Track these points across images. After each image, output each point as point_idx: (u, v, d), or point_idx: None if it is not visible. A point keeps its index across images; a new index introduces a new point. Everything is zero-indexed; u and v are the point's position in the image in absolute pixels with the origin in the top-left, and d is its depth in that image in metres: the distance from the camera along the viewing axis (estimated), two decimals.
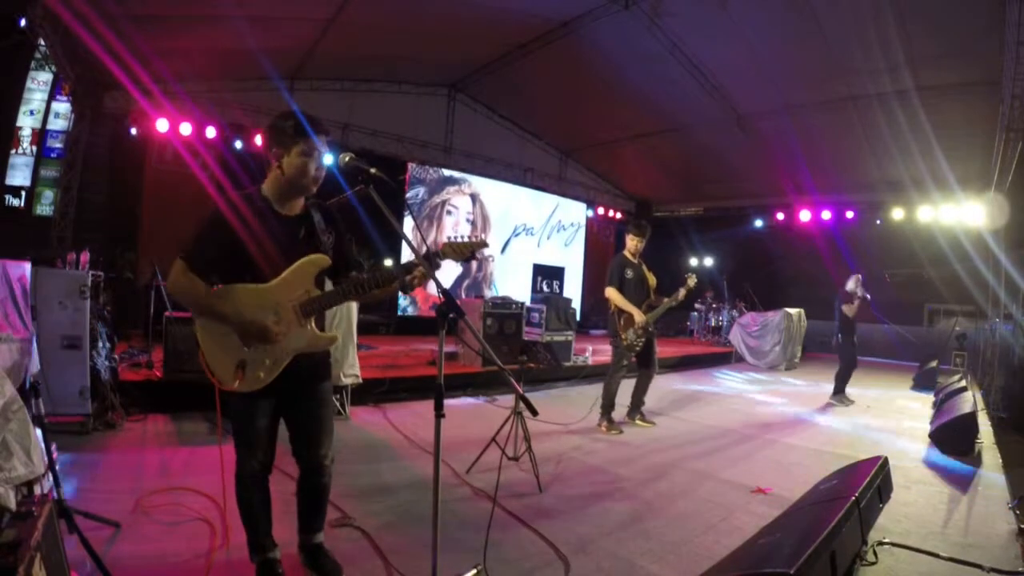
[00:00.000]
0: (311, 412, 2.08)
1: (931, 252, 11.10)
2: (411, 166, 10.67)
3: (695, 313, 12.94)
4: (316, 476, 2.13)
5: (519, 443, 3.57)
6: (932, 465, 4.25)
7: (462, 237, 2.02)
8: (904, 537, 2.75)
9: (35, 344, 3.28)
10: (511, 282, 12.04)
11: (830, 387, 6.82)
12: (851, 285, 6.59)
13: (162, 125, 7.76)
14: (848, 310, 6.50)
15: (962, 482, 3.83)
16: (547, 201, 13.10)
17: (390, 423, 4.63)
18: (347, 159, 1.89)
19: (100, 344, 4.04)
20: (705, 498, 3.33)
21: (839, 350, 6.69)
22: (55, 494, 1.97)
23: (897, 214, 10.71)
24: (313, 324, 1.98)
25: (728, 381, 8.33)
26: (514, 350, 6.57)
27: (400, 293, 2.04)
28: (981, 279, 8.66)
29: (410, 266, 1.91)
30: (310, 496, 2.17)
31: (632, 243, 4.92)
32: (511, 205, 12.36)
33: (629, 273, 4.83)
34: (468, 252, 1.98)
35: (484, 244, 2.03)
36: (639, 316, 4.67)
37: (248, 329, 1.87)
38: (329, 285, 2.11)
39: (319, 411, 2.10)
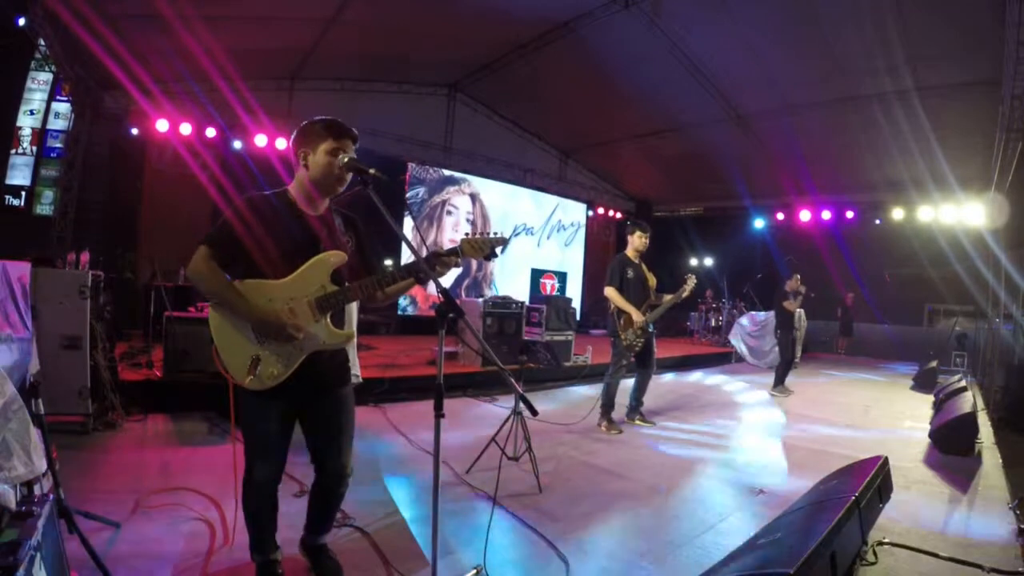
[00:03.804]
0: (330, 418, 2.03)
1: (931, 252, 11.09)
2: (411, 166, 10.66)
3: (695, 313, 12.94)
4: (334, 484, 2.09)
5: (519, 443, 3.57)
6: (932, 465, 4.24)
7: (481, 233, 1.95)
8: (904, 537, 2.75)
9: (35, 344, 3.28)
10: (511, 282, 12.04)
11: (829, 387, 6.85)
12: (792, 283, 7.05)
13: (162, 125, 7.76)
14: (788, 306, 6.97)
15: (962, 482, 3.82)
16: (547, 201, 13.11)
17: (390, 423, 4.63)
18: (346, 159, 1.90)
19: (100, 344, 4.03)
20: (705, 498, 3.32)
21: (779, 343, 7.11)
22: (55, 494, 1.97)
23: (897, 214, 10.72)
24: (329, 320, 1.94)
25: (728, 381, 8.32)
26: (514, 350, 6.57)
27: (420, 284, 1.99)
28: (981, 279, 8.66)
29: (435, 257, 1.89)
30: (324, 502, 2.14)
31: (640, 240, 4.91)
32: (511, 205, 12.36)
33: (630, 273, 4.82)
34: (488, 249, 1.94)
35: (504, 241, 1.98)
36: (637, 316, 4.67)
37: (263, 323, 1.84)
38: None
39: (339, 417, 2.04)
